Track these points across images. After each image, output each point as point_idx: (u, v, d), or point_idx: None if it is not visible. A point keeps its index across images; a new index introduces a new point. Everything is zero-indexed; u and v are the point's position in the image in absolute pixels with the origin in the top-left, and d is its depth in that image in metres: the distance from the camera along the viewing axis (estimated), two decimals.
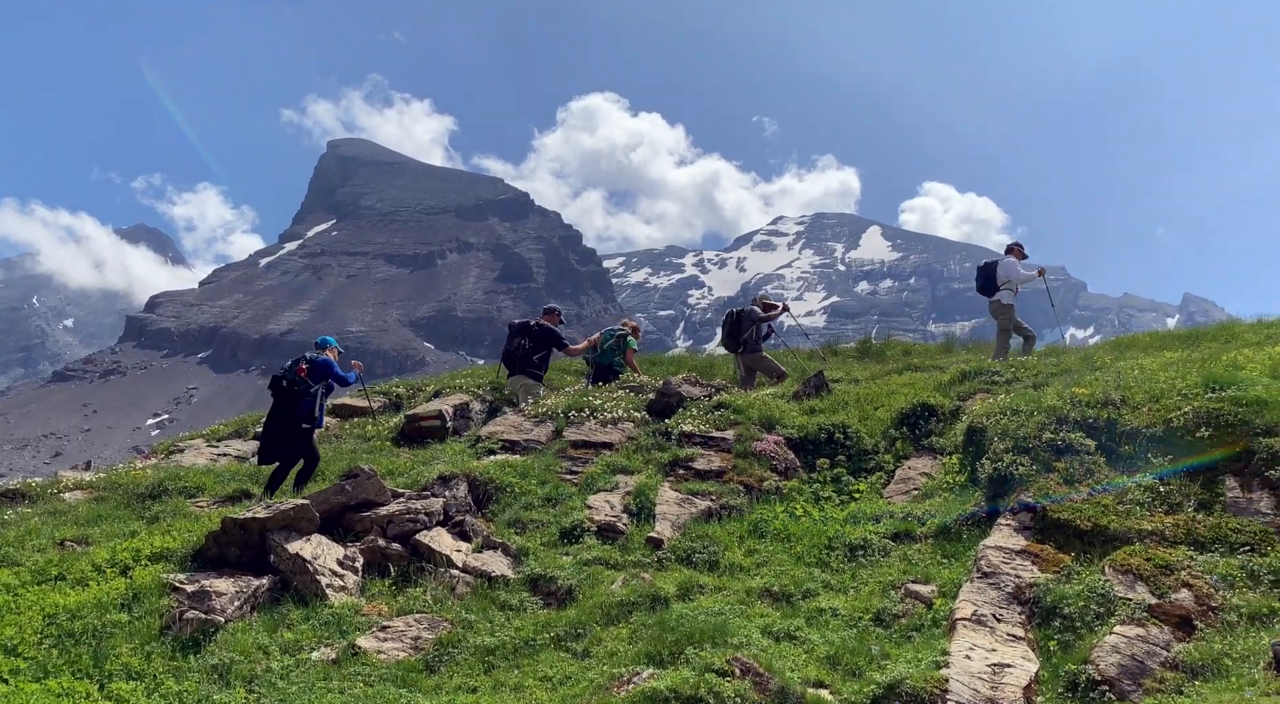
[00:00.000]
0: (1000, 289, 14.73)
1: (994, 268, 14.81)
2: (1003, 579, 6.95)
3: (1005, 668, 5.93)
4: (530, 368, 13.82)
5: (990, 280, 14.75)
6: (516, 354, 13.83)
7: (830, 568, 8.19)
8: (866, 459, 10.64)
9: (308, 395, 10.45)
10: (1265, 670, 5.33)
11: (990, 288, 14.78)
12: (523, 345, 13.83)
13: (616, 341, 15.16)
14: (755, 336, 15.07)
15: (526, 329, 14.00)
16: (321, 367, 10.61)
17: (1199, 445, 7.92)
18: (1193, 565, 6.70)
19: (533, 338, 13.86)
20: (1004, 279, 14.61)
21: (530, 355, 13.80)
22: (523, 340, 13.87)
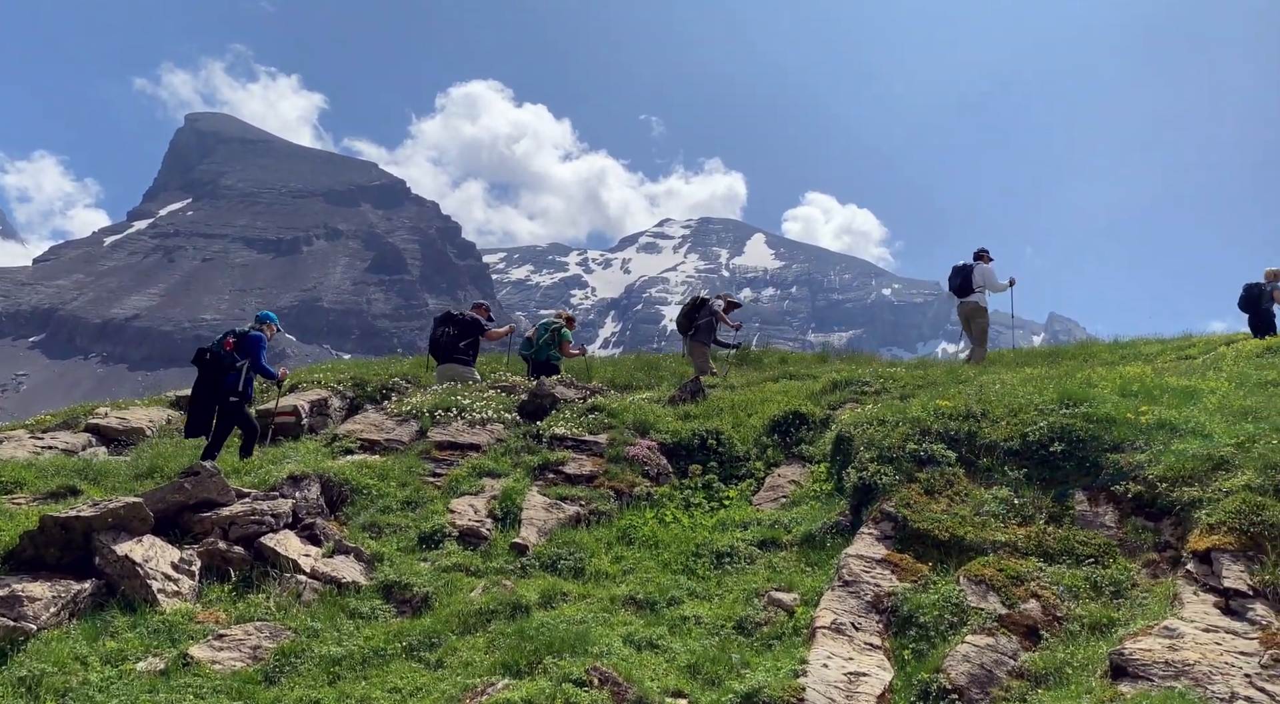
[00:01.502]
0: (975, 291, 15.31)
1: (970, 270, 15.41)
2: (863, 588, 7.19)
3: (861, 677, 6.13)
4: (458, 355, 14.24)
5: (967, 282, 15.38)
6: (442, 342, 14.30)
7: (697, 575, 8.30)
8: (738, 466, 10.85)
9: (232, 369, 10.48)
10: (1101, 679, 5.68)
11: (966, 289, 15.34)
12: (447, 333, 14.30)
13: (551, 335, 15.27)
14: (708, 327, 15.55)
15: (451, 318, 14.59)
16: (251, 342, 10.63)
17: (1052, 459, 8.40)
18: (1041, 576, 7.10)
19: (457, 326, 14.36)
20: (980, 283, 15.28)
21: (456, 342, 14.25)
22: (447, 328, 14.36)
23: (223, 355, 10.42)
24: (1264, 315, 16.74)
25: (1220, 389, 9.50)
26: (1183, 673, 5.49)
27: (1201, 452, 7.70)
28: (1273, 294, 16.72)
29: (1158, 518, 7.53)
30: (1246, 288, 17.00)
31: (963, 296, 15.41)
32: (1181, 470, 7.58)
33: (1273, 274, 16.95)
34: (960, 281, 15.38)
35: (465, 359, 14.35)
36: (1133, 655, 5.67)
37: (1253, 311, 16.85)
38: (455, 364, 14.21)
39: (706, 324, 15.55)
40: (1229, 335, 16.85)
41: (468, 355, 14.42)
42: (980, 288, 15.22)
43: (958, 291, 15.46)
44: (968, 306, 15.39)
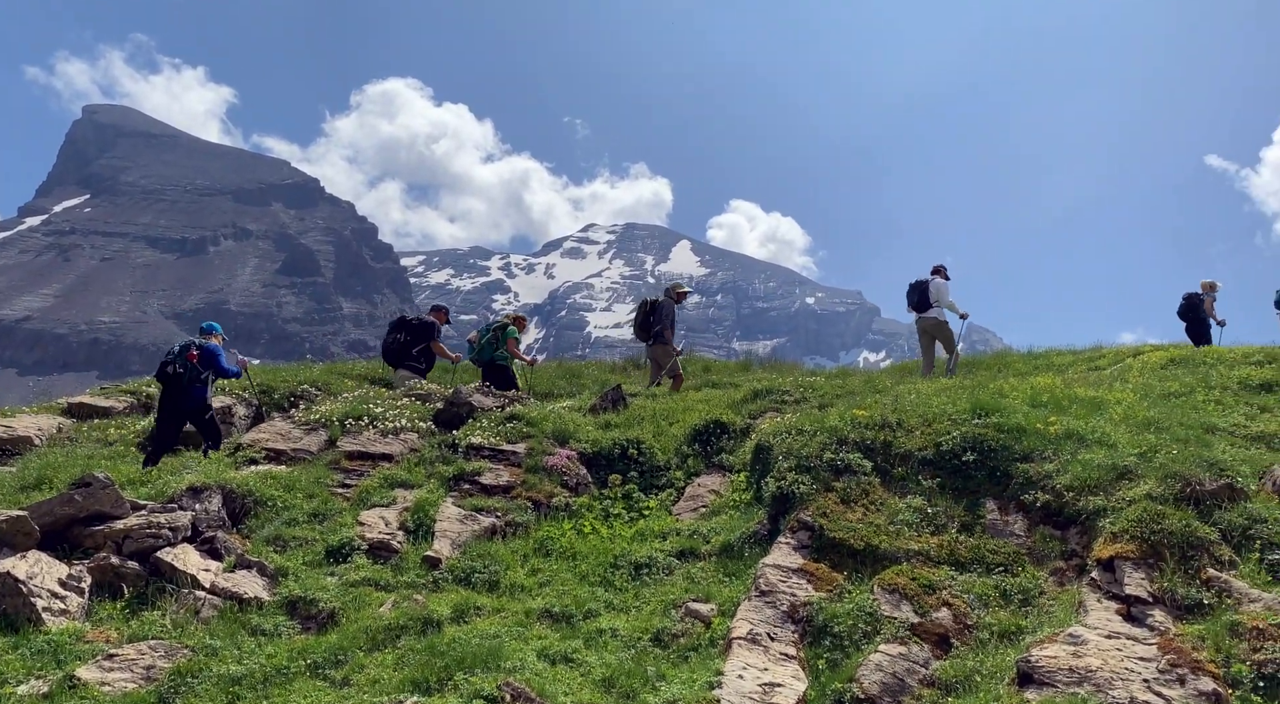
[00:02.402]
0: (933, 307, 15.81)
1: (927, 286, 15.89)
2: (779, 598, 7.30)
3: (776, 687, 6.22)
4: (410, 362, 14.24)
5: (925, 297, 15.86)
6: (394, 348, 14.32)
7: (614, 587, 8.31)
8: (659, 475, 10.90)
9: (198, 382, 10.76)
10: (1009, 686, 5.87)
11: (925, 305, 15.87)
12: (399, 339, 14.31)
13: (495, 334, 15.13)
14: (666, 328, 15.56)
15: (405, 323, 14.63)
16: (209, 354, 10.86)
17: (965, 469, 8.66)
18: (953, 585, 7.31)
19: (410, 332, 14.37)
20: (936, 298, 15.76)
21: (409, 349, 14.26)
22: (400, 334, 14.37)
23: (189, 369, 10.58)
24: (1201, 324, 18.00)
25: (1126, 400, 9.92)
26: (1085, 679, 5.71)
27: (1106, 462, 8.03)
28: (1207, 305, 17.98)
29: (1065, 527, 7.83)
30: (1186, 297, 18.27)
31: (922, 312, 15.96)
32: (1087, 480, 7.90)
33: (1209, 285, 18.31)
34: (919, 298, 15.95)
35: (418, 366, 14.33)
36: (1039, 663, 5.88)
37: (1191, 320, 18.12)
38: (407, 370, 14.21)
39: (662, 328, 15.67)
40: (1137, 347, 17.64)
41: (420, 362, 14.41)
42: (937, 303, 15.81)
43: (917, 307, 16.01)
44: (928, 322, 15.92)
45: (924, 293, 15.85)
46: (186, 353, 10.70)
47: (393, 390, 13.47)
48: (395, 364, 14.42)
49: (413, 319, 14.73)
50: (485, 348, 15.06)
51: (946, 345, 16.05)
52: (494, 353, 15.01)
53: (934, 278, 15.92)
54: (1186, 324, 18.19)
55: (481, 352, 15.09)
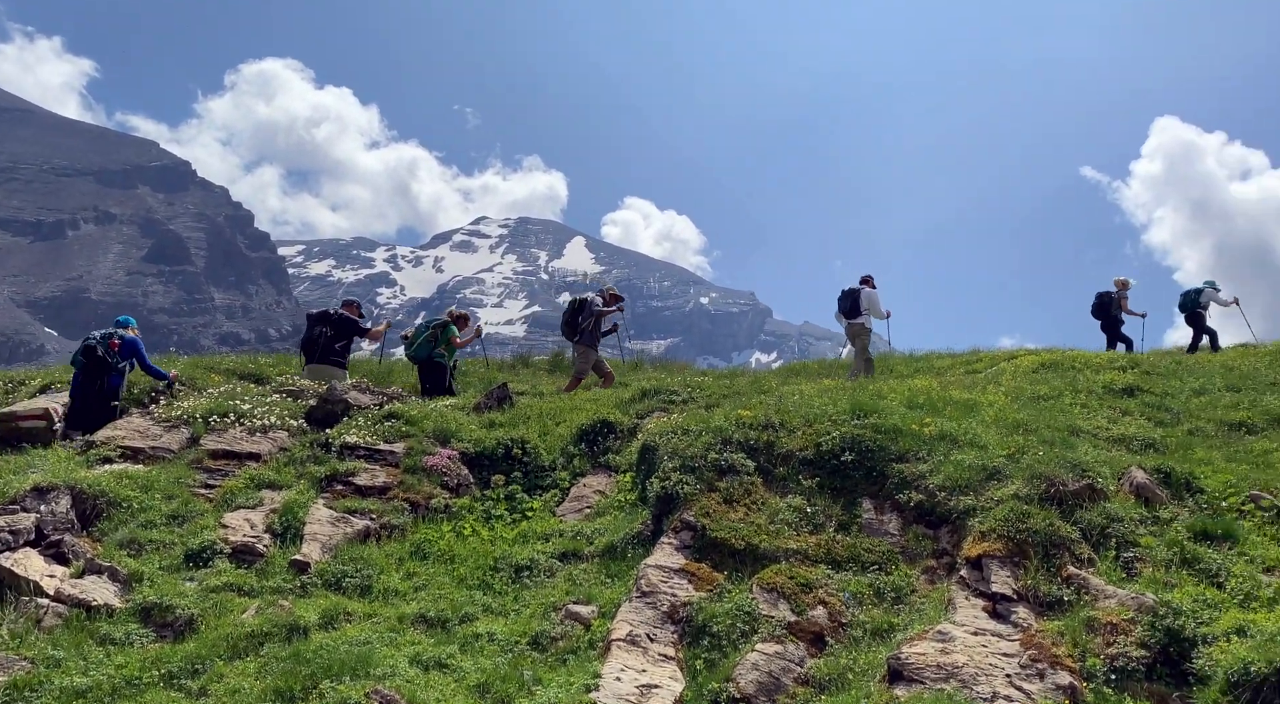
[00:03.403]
0: (862, 314, 16.76)
1: (858, 294, 16.90)
2: (660, 598, 7.38)
3: (653, 689, 6.29)
4: (333, 356, 14.17)
5: (855, 305, 16.85)
6: (318, 342, 14.18)
7: (493, 590, 8.26)
8: (543, 476, 10.87)
9: (116, 370, 11.24)
10: (880, 683, 6.09)
11: (855, 312, 16.85)
12: (323, 333, 14.21)
13: (434, 331, 15.05)
14: (593, 328, 15.64)
15: (326, 317, 14.49)
16: (130, 346, 11.42)
17: (843, 469, 8.92)
18: (829, 583, 7.53)
19: (333, 326, 14.29)
20: (866, 306, 16.80)
21: (332, 343, 14.20)
22: (322, 328, 14.26)
23: (110, 354, 10.89)
24: (1114, 321, 19.31)
25: (998, 403, 10.40)
26: (952, 675, 5.97)
27: (977, 462, 8.41)
28: (1120, 302, 19.26)
29: (937, 526, 8.16)
30: (1099, 296, 19.56)
31: (851, 318, 16.92)
32: (959, 480, 8.25)
33: (1121, 283, 19.60)
34: (849, 304, 16.91)
35: (339, 361, 14.37)
36: (908, 660, 6.12)
37: (1104, 318, 19.36)
38: (328, 365, 14.14)
39: (589, 327, 15.77)
40: (1012, 351, 18.52)
41: (342, 357, 14.46)
42: (866, 311, 16.79)
43: (847, 313, 16.95)
44: (855, 327, 16.88)
45: (855, 300, 16.87)
46: (109, 341, 11.08)
47: (262, 386, 13.05)
48: (317, 360, 14.32)
49: (334, 313, 14.70)
50: (422, 345, 15.01)
51: (861, 349, 17.05)
52: (431, 350, 14.97)
53: (863, 287, 16.99)
54: (1101, 322, 19.44)
55: (418, 348, 15.05)
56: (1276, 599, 6.37)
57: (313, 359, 14.32)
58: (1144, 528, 7.57)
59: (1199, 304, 20.04)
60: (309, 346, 14.47)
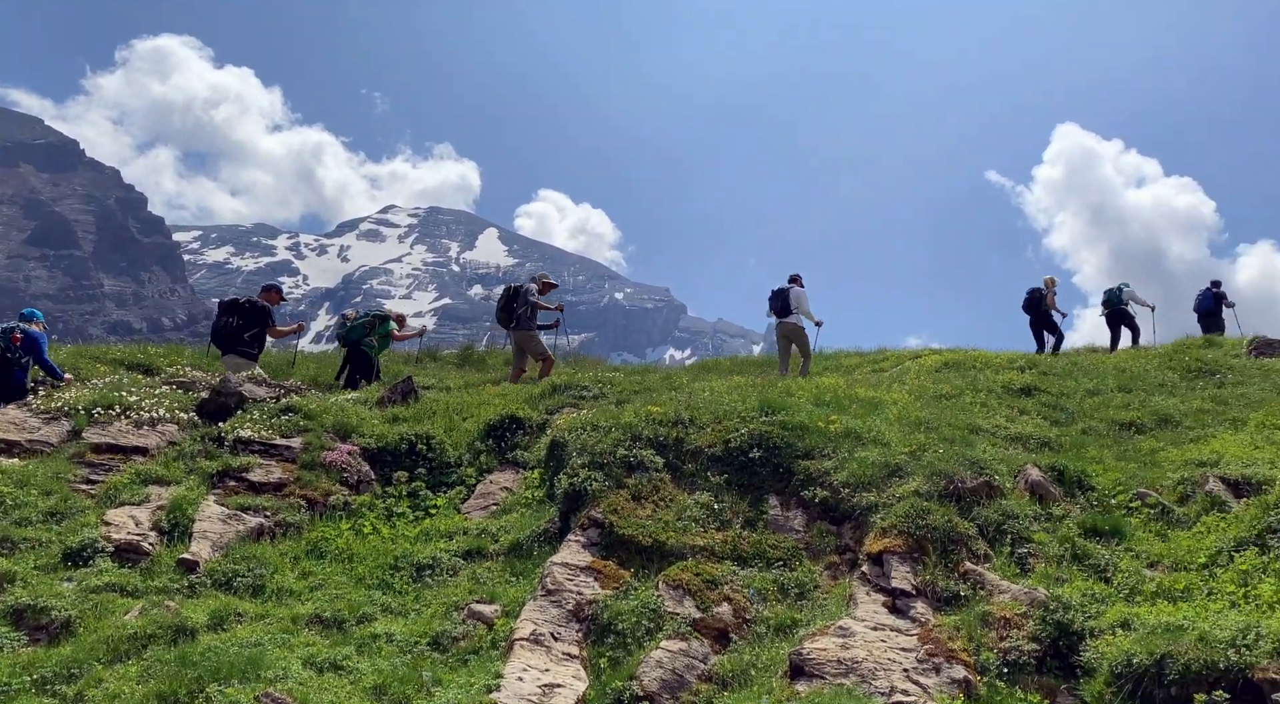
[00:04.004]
0: (793, 313, 17.23)
1: (788, 293, 17.37)
2: (565, 597, 7.37)
3: (555, 688, 6.27)
4: (241, 347, 13.81)
5: (786, 304, 17.34)
6: (225, 332, 13.84)
7: (393, 590, 8.13)
8: (449, 472, 10.74)
9: (19, 366, 11.05)
10: (782, 679, 6.20)
11: (786, 311, 17.31)
12: (231, 323, 13.85)
13: (372, 320, 15.10)
14: (529, 314, 15.72)
15: (236, 306, 14.11)
16: (32, 340, 11.23)
17: (751, 465, 9.04)
18: (735, 580, 7.62)
19: (243, 315, 13.92)
20: (796, 305, 17.28)
21: (240, 333, 13.82)
22: (231, 318, 13.91)
23: (12, 350, 10.71)
24: (1044, 317, 20.37)
25: (901, 401, 10.68)
26: (852, 670, 6.11)
27: (880, 459, 8.62)
28: (1049, 299, 20.33)
29: (840, 522, 8.34)
30: (1030, 292, 20.58)
31: (783, 317, 17.38)
32: (862, 477, 8.45)
33: (1050, 281, 20.73)
34: (780, 304, 17.37)
35: (249, 351, 13.97)
36: (809, 655, 6.23)
37: (1034, 313, 20.39)
38: (237, 356, 13.79)
39: (525, 313, 15.93)
40: (917, 350, 19.05)
41: (252, 347, 14.05)
42: (797, 310, 17.28)
43: (778, 313, 17.40)
44: (788, 326, 17.36)
45: (785, 299, 17.31)
46: (10, 336, 10.94)
47: (152, 377, 12.59)
48: (225, 349, 14.04)
49: (244, 301, 14.33)
50: (355, 328, 15.15)
51: (803, 349, 17.51)
52: (362, 336, 15.08)
53: (793, 286, 17.48)
54: (1031, 317, 20.55)
55: (350, 332, 15.19)
56: (1159, 593, 6.69)
57: (223, 350, 14.06)
58: (1038, 524, 7.87)
59: (1121, 301, 21.30)
60: (217, 336, 14.16)
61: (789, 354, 17.72)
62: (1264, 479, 7.99)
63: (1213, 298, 23.15)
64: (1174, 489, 8.42)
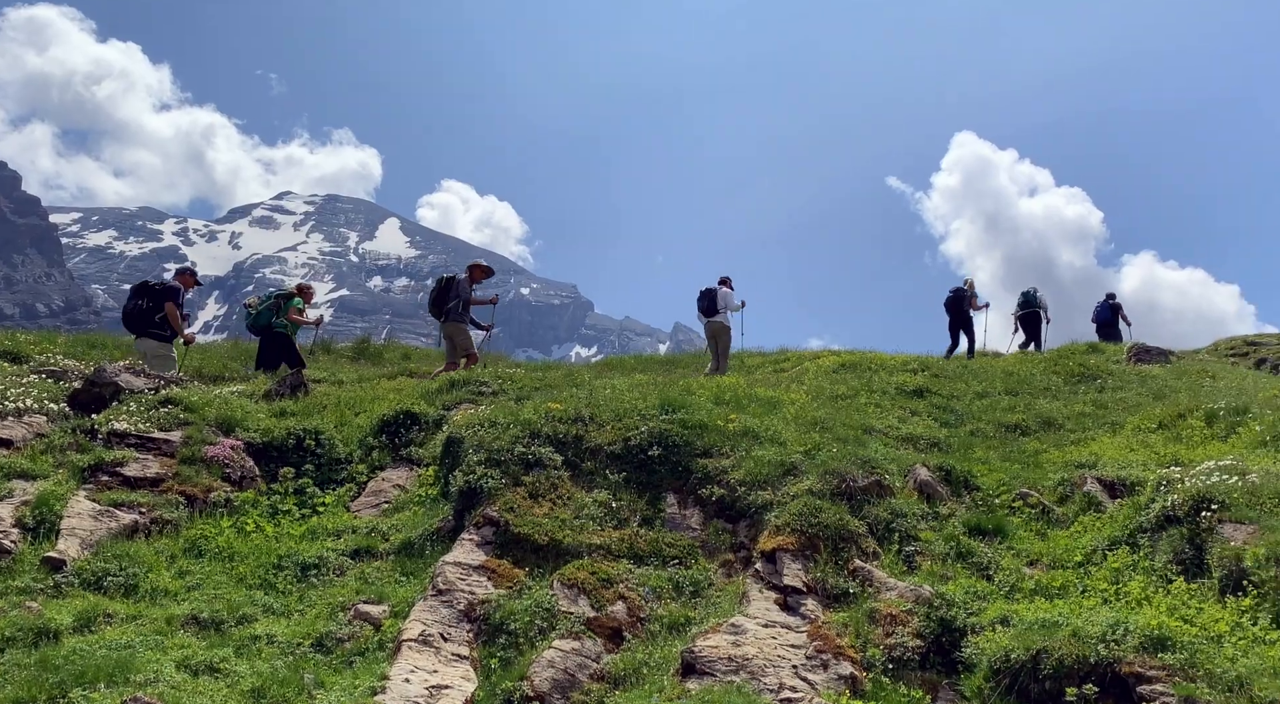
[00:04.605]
0: (720, 312, 17.98)
1: (715, 294, 18.17)
2: (457, 596, 7.29)
3: (443, 689, 6.20)
4: (154, 329, 13.53)
5: (714, 304, 18.10)
6: (135, 315, 13.54)
7: (276, 590, 7.91)
8: (338, 469, 10.52)
9: None
10: (673, 677, 6.25)
11: (713, 310, 18.07)
12: (141, 305, 13.56)
13: (277, 302, 14.95)
14: (461, 307, 15.63)
15: (147, 288, 13.94)
16: None
17: (650, 464, 9.11)
18: (630, 578, 7.66)
19: (153, 297, 13.63)
20: (723, 305, 18.08)
21: (151, 315, 13.55)
22: (141, 300, 13.61)
23: None
24: (965, 316, 21.33)
25: (799, 400, 10.90)
26: (742, 667, 6.20)
27: (776, 458, 8.78)
28: (972, 300, 21.34)
29: (736, 520, 8.46)
30: (954, 291, 21.55)
31: (710, 317, 18.08)
32: (758, 475, 8.60)
33: (969, 282, 21.90)
34: (708, 303, 18.13)
35: (161, 333, 13.69)
36: (701, 653, 6.31)
37: (955, 312, 21.29)
38: (151, 339, 13.54)
39: (458, 305, 15.81)
40: (817, 351, 19.49)
41: (165, 330, 13.73)
42: (724, 309, 18.01)
43: (705, 312, 18.13)
44: (715, 326, 18.02)
45: (713, 300, 18.07)
46: None
47: (20, 366, 11.98)
48: (138, 332, 13.78)
49: (155, 283, 14.08)
50: (263, 314, 15.01)
51: (724, 349, 18.17)
52: (272, 319, 14.97)
53: (722, 287, 18.25)
54: (951, 317, 21.45)
55: (258, 317, 15.04)
56: (1037, 591, 6.99)
57: (136, 333, 13.82)
58: (925, 523, 8.14)
59: (1038, 303, 22.52)
60: (128, 320, 13.90)
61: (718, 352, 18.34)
62: (1137, 481, 8.41)
63: (1109, 309, 24.61)
64: (1054, 490, 8.81)
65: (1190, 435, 10.29)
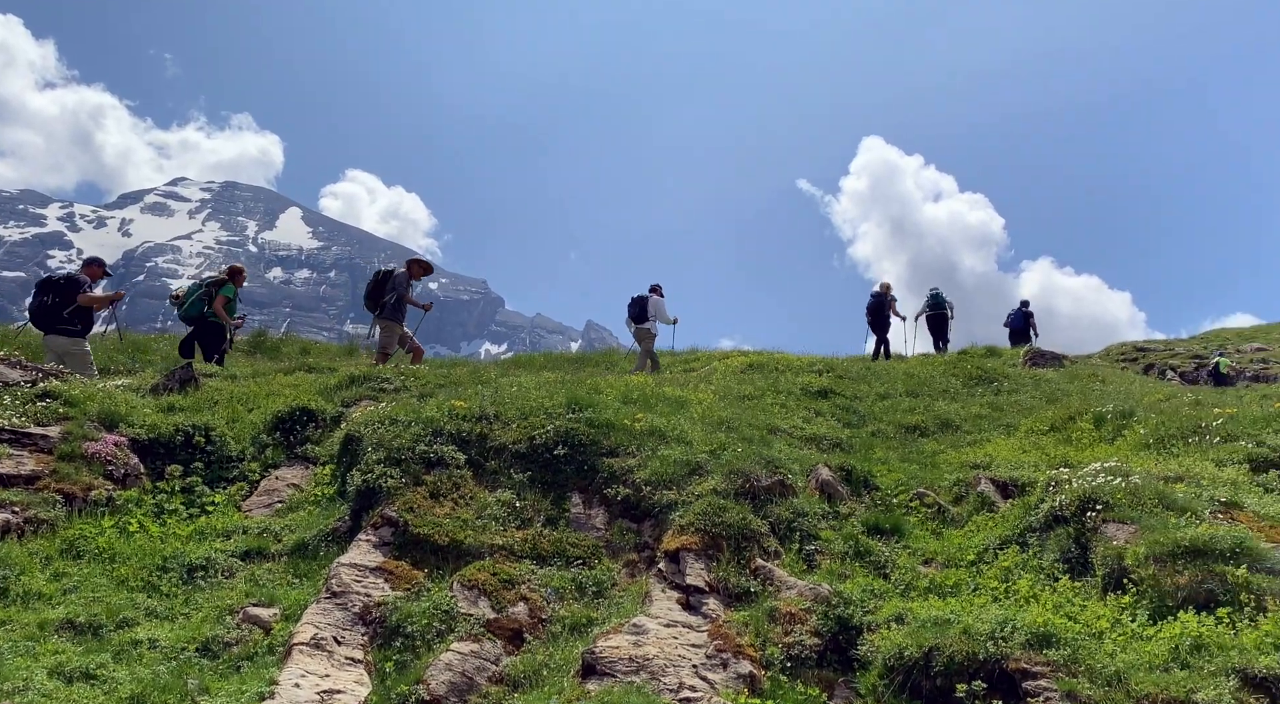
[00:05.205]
0: (649, 320, 18.66)
1: (646, 301, 18.88)
2: (352, 599, 7.16)
3: (336, 694, 6.08)
4: (62, 325, 12.92)
5: (643, 311, 18.79)
6: (42, 312, 13.13)
7: (160, 593, 7.65)
8: (230, 467, 10.22)
9: None
10: (573, 678, 6.25)
11: (643, 317, 18.75)
12: (47, 302, 13.00)
13: (208, 290, 14.59)
14: (397, 301, 15.49)
15: (51, 283, 13.41)
16: None
17: (555, 463, 9.09)
18: (533, 579, 7.64)
19: (59, 292, 13.07)
20: (654, 312, 18.82)
21: (58, 311, 12.97)
22: (47, 296, 13.07)
23: None
24: (885, 319, 22.33)
25: (706, 400, 11.02)
26: (643, 667, 6.23)
27: (682, 458, 8.86)
28: (892, 303, 22.47)
29: (641, 519, 8.51)
30: (874, 296, 22.64)
31: (639, 323, 18.77)
32: (664, 475, 8.66)
33: (886, 286, 22.93)
34: (639, 311, 18.84)
35: (72, 329, 13.01)
36: (602, 653, 6.32)
37: (877, 316, 22.32)
38: (60, 336, 12.91)
39: (396, 300, 15.62)
40: (726, 351, 19.76)
41: (75, 325, 13.06)
42: (654, 317, 18.74)
43: (636, 319, 18.80)
44: (642, 331, 18.73)
45: (643, 307, 18.79)
46: None
47: None
48: (46, 329, 13.19)
49: (59, 278, 13.45)
50: (194, 304, 14.75)
51: (648, 351, 18.78)
52: (204, 309, 14.71)
53: (652, 295, 18.75)
54: (874, 319, 22.40)
55: (189, 307, 14.77)
56: (931, 589, 7.20)
57: (44, 330, 13.23)
58: (826, 522, 8.31)
59: (945, 305, 23.49)
60: (35, 317, 13.33)
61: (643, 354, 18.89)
62: (1028, 481, 8.74)
63: (1023, 317, 26.03)
64: (950, 490, 9.10)
65: (1080, 437, 10.74)
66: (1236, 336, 31.49)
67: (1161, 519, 6.92)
